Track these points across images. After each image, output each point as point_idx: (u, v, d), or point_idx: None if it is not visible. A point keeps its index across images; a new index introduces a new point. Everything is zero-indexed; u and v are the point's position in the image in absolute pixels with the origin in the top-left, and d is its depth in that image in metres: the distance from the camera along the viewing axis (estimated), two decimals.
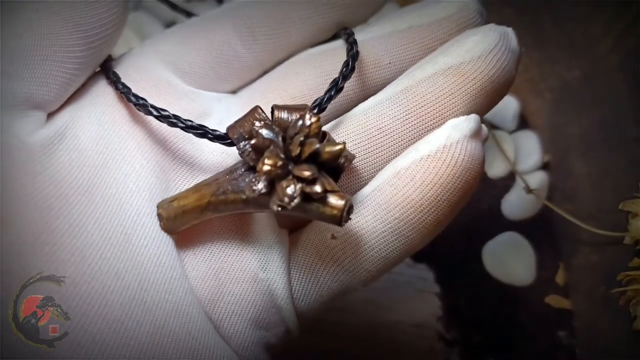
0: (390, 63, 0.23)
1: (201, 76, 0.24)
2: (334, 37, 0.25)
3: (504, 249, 0.33)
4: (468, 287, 0.33)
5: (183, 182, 0.22)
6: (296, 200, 0.18)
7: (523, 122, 0.36)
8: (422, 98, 0.21)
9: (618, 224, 0.27)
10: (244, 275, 0.21)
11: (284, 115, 0.20)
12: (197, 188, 0.21)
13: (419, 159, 0.20)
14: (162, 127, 0.22)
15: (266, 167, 0.18)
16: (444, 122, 0.21)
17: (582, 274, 0.32)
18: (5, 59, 0.19)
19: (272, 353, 0.23)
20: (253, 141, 0.19)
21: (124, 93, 0.21)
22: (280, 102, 0.22)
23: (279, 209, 0.18)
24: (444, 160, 0.20)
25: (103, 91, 0.22)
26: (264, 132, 0.19)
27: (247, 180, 0.20)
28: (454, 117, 0.21)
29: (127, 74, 0.23)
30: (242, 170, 0.20)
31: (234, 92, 0.25)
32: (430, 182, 0.20)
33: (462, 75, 0.21)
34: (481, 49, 0.21)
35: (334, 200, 0.19)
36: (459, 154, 0.20)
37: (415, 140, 0.21)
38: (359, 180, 0.22)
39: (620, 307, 0.26)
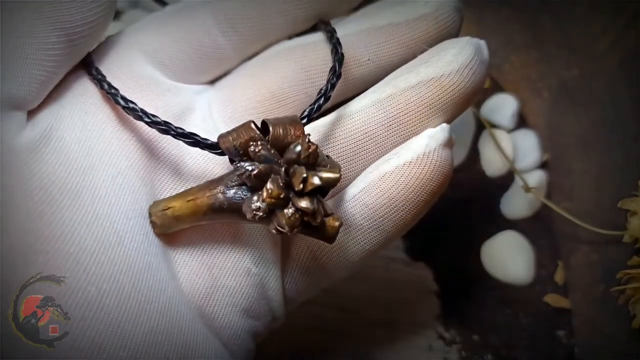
0: (369, 60, 0.24)
1: (182, 69, 0.24)
2: (313, 28, 0.25)
3: (502, 247, 0.34)
4: (467, 286, 0.33)
5: (168, 183, 0.22)
6: (296, 230, 0.19)
7: (522, 121, 0.36)
8: (406, 106, 0.23)
9: (617, 223, 0.27)
10: (237, 270, 0.22)
11: (280, 132, 0.20)
12: (191, 197, 0.21)
13: (401, 165, 0.22)
14: (146, 127, 0.22)
15: (270, 200, 0.19)
16: (422, 129, 0.23)
17: (581, 273, 0.32)
18: None
19: (258, 341, 0.24)
20: (255, 171, 0.19)
21: (112, 94, 0.21)
22: (260, 99, 0.23)
23: (278, 233, 0.19)
24: (424, 166, 0.22)
25: (85, 89, 0.22)
26: (261, 156, 0.20)
27: (244, 199, 0.20)
28: (432, 124, 0.23)
29: (108, 69, 0.22)
30: (237, 185, 0.20)
31: (211, 82, 0.25)
32: (412, 185, 0.22)
33: (441, 87, 0.23)
34: (459, 62, 0.23)
35: (330, 224, 0.20)
36: (436, 161, 0.22)
37: (395, 145, 0.23)
38: (342, 181, 0.22)
39: (619, 305, 0.26)
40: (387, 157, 0.23)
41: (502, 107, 0.36)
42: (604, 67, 0.30)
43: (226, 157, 0.21)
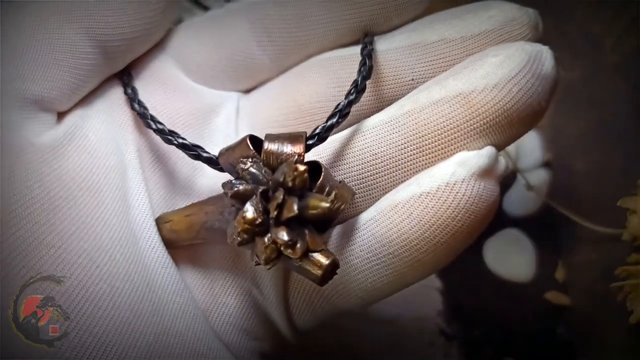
0: (413, 80, 0.20)
1: (210, 76, 0.24)
2: (359, 42, 0.22)
3: (504, 245, 0.34)
4: (468, 282, 0.33)
5: (182, 188, 0.22)
6: (272, 264, 0.17)
7: None
8: (424, 127, 0.18)
9: (617, 221, 0.27)
10: (237, 289, 0.21)
11: (273, 147, 0.18)
12: (189, 213, 0.20)
13: (418, 195, 0.18)
14: None
15: (244, 225, 0.17)
16: (446, 156, 0.18)
17: (581, 270, 0.32)
18: (17, 61, 0.19)
19: (268, 359, 0.22)
20: (234, 189, 0.17)
21: (130, 98, 0.21)
22: (286, 112, 0.21)
23: (256, 264, 0.17)
24: (445, 199, 0.18)
25: (114, 92, 0.22)
26: (248, 174, 0.18)
27: (231, 221, 0.18)
28: (468, 147, 0.18)
29: (136, 71, 0.22)
30: (230, 205, 0.18)
31: (247, 91, 0.24)
32: (428, 221, 0.18)
33: (471, 106, 0.18)
34: (500, 75, 0.18)
35: (317, 259, 0.17)
36: (464, 194, 0.17)
37: (414, 171, 0.19)
38: (355, 207, 0.20)
39: (618, 302, 0.26)
40: (407, 183, 0.19)
41: None
42: (606, 68, 0.30)
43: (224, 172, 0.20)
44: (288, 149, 0.18)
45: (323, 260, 0.17)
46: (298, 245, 0.17)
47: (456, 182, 0.18)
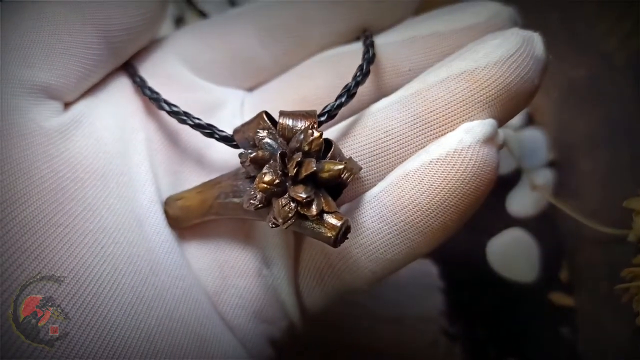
0: (410, 70, 0.22)
1: (215, 74, 0.24)
2: (357, 40, 0.24)
3: (508, 245, 0.34)
4: (472, 282, 0.33)
5: (191, 174, 0.23)
6: (289, 222, 0.18)
7: (529, 120, 0.36)
8: (432, 103, 0.20)
9: (622, 222, 0.27)
10: (247, 270, 0.22)
11: (288, 122, 0.19)
12: (201, 189, 0.21)
13: (428, 162, 0.19)
14: (172, 121, 0.22)
15: (262, 185, 0.18)
16: (453, 129, 0.20)
17: (586, 271, 0.32)
18: (25, 49, 0.20)
19: (276, 346, 0.23)
20: (252, 154, 0.18)
21: (140, 86, 0.22)
22: (291, 104, 0.22)
23: (273, 226, 0.18)
24: (454, 164, 0.19)
25: (120, 83, 0.23)
26: (265, 144, 0.19)
27: (247, 189, 0.19)
28: (471, 119, 0.20)
29: (142, 66, 0.23)
30: (244, 177, 0.20)
31: (251, 89, 0.25)
32: (438, 186, 0.19)
33: (475, 81, 0.19)
34: (499, 54, 0.19)
35: (330, 221, 0.18)
36: (470, 159, 0.19)
37: (422, 146, 0.20)
38: (364, 184, 0.21)
39: (623, 304, 0.26)
40: (416, 155, 0.20)
41: None
42: (612, 66, 0.30)
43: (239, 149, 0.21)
44: (301, 123, 0.19)
45: (336, 221, 0.18)
46: (314, 203, 0.18)
47: (463, 148, 0.19)
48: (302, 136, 0.18)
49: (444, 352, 0.32)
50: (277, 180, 0.18)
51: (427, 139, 0.20)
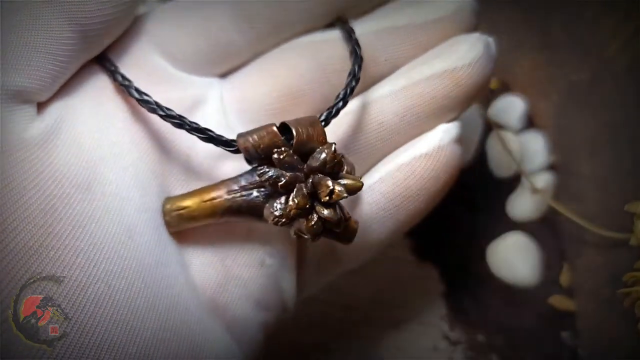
0: (386, 60, 0.24)
1: (193, 62, 0.24)
2: (330, 25, 0.25)
3: (509, 248, 0.34)
4: (472, 286, 0.33)
5: (178, 175, 0.22)
6: (318, 238, 0.20)
7: (530, 123, 0.36)
8: (420, 98, 0.23)
9: (623, 226, 0.27)
10: (250, 261, 0.22)
11: (304, 137, 0.20)
12: (208, 198, 0.21)
13: (418, 156, 0.23)
14: (156, 120, 0.21)
15: (295, 211, 0.19)
16: (436, 121, 0.24)
17: (587, 275, 0.32)
18: None
19: (267, 333, 0.23)
20: (282, 181, 0.20)
21: (125, 86, 0.21)
22: (276, 95, 0.23)
23: (298, 238, 0.20)
24: (439, 159, 0.23)
25: (96, 80, 0.22)
26: (288, 164, 0.20)
27: (263, 202, 0.20)
28: (445, 117, 0.24)
29: (119, 59, 0.22)
30: (255, 187, 0.20)
31: (222, 75, 0.25)
32: (427, 176, 0.23)
33: (455, 80, 0.23)
34: (471, 57, 0.23)
35: (350, 228, 0.21)
36: (449, 154, 0.23)
37: (409, 137, 0.24)
38: (357, 171, 0.23)
39: (624, 308, 0.26)
40: (403, 148, 0.23)
41: (511, 108, 0.36)
42: (613, 70, 0.30)
43: (238, 154, 0.21)
44: (314, 136, 0.20)
45: (355, 225, 0.21)
46: (340, 221, 0.20)
47: (444, 145, 0.23)
48: (323, 156, 0.20)
49: (445, 356, 0.32)
50: (307, 205, 0.20)
51: (414, 130, 0.24)
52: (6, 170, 0.18)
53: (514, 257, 0.33)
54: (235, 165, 0.22)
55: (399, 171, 0.23)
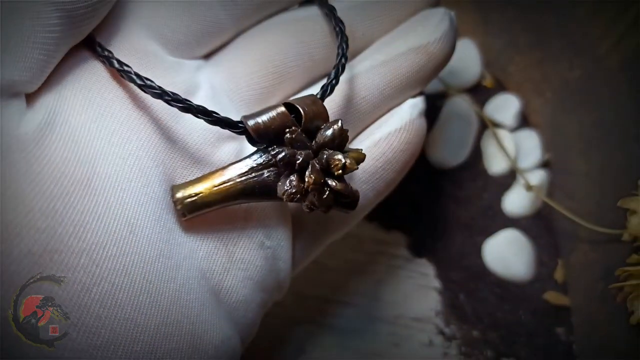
0: (363, 35, 0.26)
1: (183, 43, 0.23)
2: (308, 1, 0.26)
3: (503, 245, 0.34)
4: (468, 282, 0.33)
5: (180, 162, 0.22)
6: (330, 209, 0.21)
7: (524, 121, 0.36)
8: (398, 71, 0.25)
9: (617, 222, 0.27)
10: (251, 243, 0.22)
11: (311, 116, 0.21)
12: (220, 182, 0.21)
13: (393, 130, 0.25)
14: (154, 105, 0.21)
15: (312, 186, 0.20)
16: (407, 94, 0.25)
17: (581, 271, 0.32)
18: None
19: (261, 316, 0.24)
20: (299, 159, 0.20)
21: (125, 72, 0.20)
22: (263, 74, 0.24)
23: (310, 211, 0.21)
24: (411, 131, 0.25)
25: (88, 67, 0.21)
26: (299, 142, 0.21)
27: (274, 180, 0.21)
28: (415, 88, 0.25)
29: (109, 44, 0.21)
30: (265, 167, 0.21)
31: (205, 57, 0.25)
32: (402, 148, 0.25)
33: (428, 54, 0.25)
34: (441, 31, 0.25)
35: (354, 198, 0.22)
36: (418, 126, 0.25)
37: (385, 109, 0.25)
38: None
39: (617, 303, 0.26)
40: (377, 124, 0.25)
41: (505, 106, 0.36)
42: (606, 68, 0.30)
43: (239, 135, 0.21)
44: (319, 114, 0.21)
45: (358, 194, 0.22)
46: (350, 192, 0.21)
47: (414, 119, 0.25)
48: (330, 132, 0.21)
49: (440, 352, 0.32)
50: (322, 180, 0.20)
51: (391, 103, 0.25)
52: (4, 174, 0.18)
53: (508, 254, 0.34)
54: (229, 149, 0.22)
55: (376, 147, 0.25)
